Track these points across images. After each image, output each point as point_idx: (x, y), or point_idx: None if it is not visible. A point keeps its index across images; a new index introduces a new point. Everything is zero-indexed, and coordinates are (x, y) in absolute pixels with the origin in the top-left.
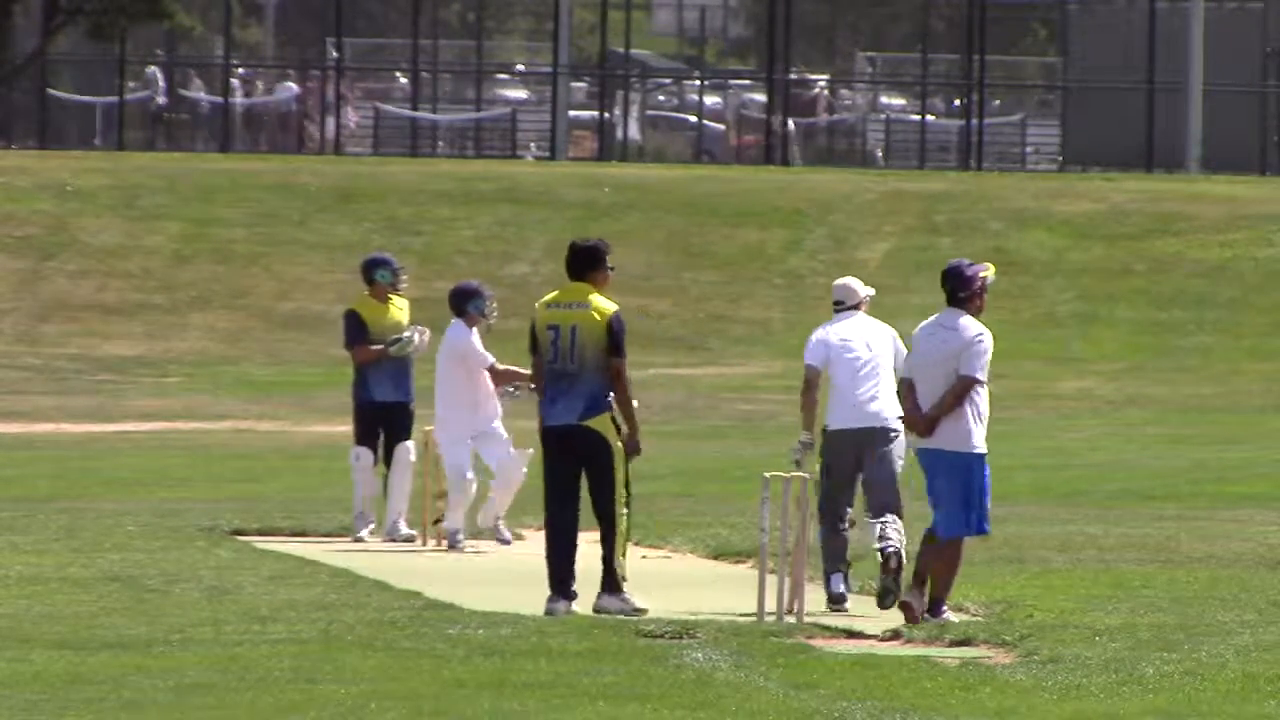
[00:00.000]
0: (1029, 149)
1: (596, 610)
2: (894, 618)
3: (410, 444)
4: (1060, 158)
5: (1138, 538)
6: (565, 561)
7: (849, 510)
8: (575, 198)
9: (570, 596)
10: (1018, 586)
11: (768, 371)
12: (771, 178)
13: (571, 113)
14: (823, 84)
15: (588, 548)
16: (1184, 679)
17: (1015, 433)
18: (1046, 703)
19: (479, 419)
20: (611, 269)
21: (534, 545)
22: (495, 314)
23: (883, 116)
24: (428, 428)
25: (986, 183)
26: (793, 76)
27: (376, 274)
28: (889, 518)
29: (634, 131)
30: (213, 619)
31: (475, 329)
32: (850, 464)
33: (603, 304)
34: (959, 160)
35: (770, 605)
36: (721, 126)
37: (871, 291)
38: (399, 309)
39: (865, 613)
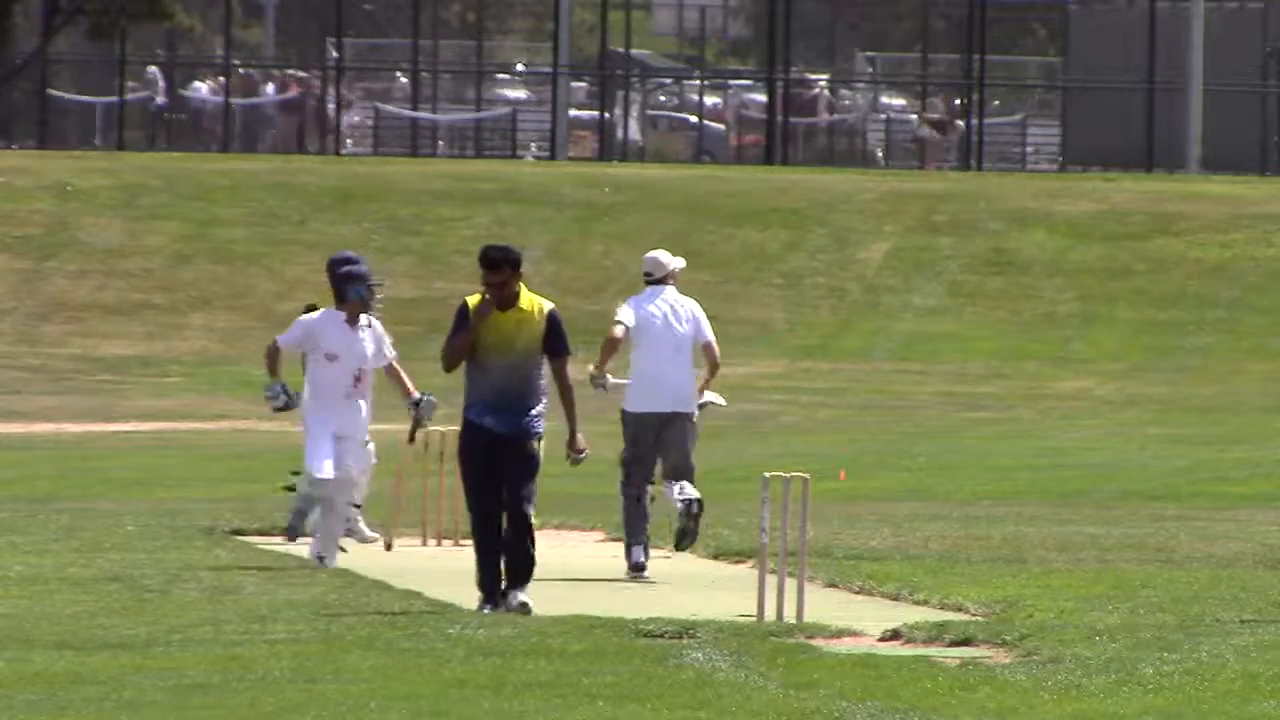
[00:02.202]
0: (1029, 149)
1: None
2: (891, 616)
3: (371, 445)
4: (1060, 158)
5: (1138, 538)
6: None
7: (650, 486)
8: (575, 198)
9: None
10: (1018, 586)
11: (768, 371)
12: (771, 178)
13: (571, 113)
14: (823, 84)
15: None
16: (1184, 679)
17: (1015, 433)
18: (1046, 703)
19: (343, 421)
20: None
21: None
22: (380, 293)
23: (883, 116)
24: (432, 427)
25: (986, 183)
26: (793, 76)
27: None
28: (684, 483)
29: (634, 131)
30: (213, 619)
31: (352, 321)
32: (652, 442)
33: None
34: (959, 160)
35: (770, 605)
36: (721, 126)
37: (681, 263)
38: None
39: (865, 613)
